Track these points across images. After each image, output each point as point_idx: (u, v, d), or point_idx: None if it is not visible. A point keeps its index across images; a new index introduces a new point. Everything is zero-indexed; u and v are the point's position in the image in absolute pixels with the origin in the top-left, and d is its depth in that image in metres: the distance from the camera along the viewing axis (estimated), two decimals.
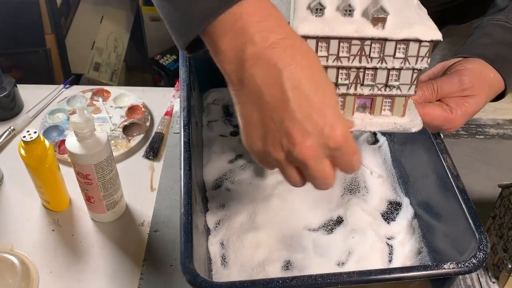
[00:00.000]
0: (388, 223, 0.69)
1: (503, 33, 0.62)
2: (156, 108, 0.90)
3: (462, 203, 0.56)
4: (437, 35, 0.50)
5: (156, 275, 0.67)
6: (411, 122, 0.57)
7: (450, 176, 0.58)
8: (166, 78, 1.79)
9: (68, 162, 0.75)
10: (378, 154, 0.78)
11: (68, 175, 0.74)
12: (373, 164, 0.76)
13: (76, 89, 0.94)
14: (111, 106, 0.90)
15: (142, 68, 1.96)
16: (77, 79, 1.54)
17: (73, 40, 1.57)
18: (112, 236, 0.71)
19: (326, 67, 0.53)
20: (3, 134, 0.84)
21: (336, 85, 0.55)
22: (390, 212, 0.70)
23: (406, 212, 0.69)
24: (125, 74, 1.87)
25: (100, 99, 0.91)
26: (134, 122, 0.87)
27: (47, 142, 0.67)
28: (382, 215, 0.70)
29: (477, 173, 0.79)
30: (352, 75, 0.53)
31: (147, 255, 0.69)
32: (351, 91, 0.55)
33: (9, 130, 0.84)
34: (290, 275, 0.56)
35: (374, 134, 0.81)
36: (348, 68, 0.53)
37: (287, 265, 0.64)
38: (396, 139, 0.76)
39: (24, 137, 0.64)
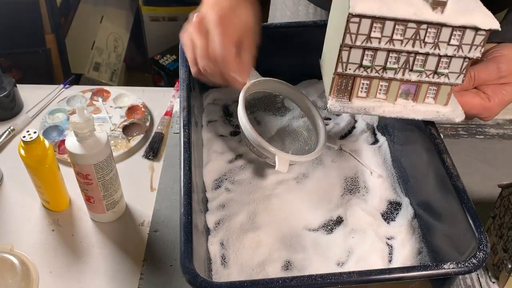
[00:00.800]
0: (388, 223, 0.69)
1: None
2: (156, 108, 0.90)
3: (462, 203, 0.56)
4: (495, 24, 0.49)
5: (156, 275, 0.67)
6: (453, 112, 0.57)
7: (450, 176, 0.58)
8: (166, 78, 1.79)
9: (68, 162, 0.75)
10: (378, 154, 0.78)
11: (68, 175, 0.74)
12: (373, 164, 0.76)
13: (76, 89, 0.94)
14: (111, 106, 0.90)
15: (142, 68, 1.96)
16: (77, 79, 1.54)
17: (73, 40, 1.57)
18: (112, 236, 0.71)
19: (376, 49, 0.52)
20: (3, 134, 0.84)
21: (384, 68, 0.54)
22: (390, 212, 0.70)
23: (406, 212, 0.69)
24: (125, 74, 1.87)
25: (100, 99, 0.91)
26: (134, 122, 0.87)
27: (47, 142, 0.67)
28: (382, 215, 0.70)
29: (477, 173, 0.79)
30: (402, 59, 0.53)
31: (147, 255, 0.69)
32: (399, 76, 0.55)
33: (9, 130, 0.84)
34: (290, 275, 0.56)
35: (374, 134, 0.81)
36: (400, 52, 0.52)
37: (287, 265, 0.64)
38: (396, 139, 0.76)
39: (24, 137, 0.64)
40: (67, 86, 0.94)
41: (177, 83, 0.92)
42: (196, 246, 0.53)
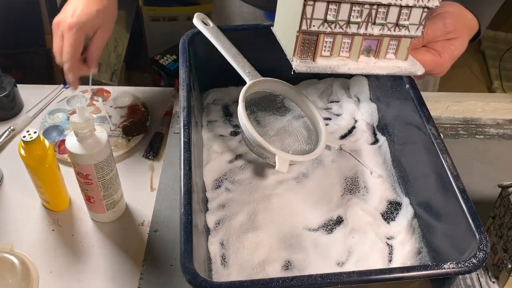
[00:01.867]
0: (388, 223, 0.69)
1: None
2: (156, 108, 0.90)
3: (462, 203, 0.56)
4: None
5: (156, 275, 0.67)
6: (413, 66, 0.58)
7: (450, 176, 0.59)
8: (166, 78, 1.79)
9: (68, 162, 0.75)
10: (378, 154, 0.78)
11: (68, 175, 0.74)
12: (373, 164, 0.76)
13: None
14: (111, 106, 0.90)
15: (142, 68, 1.96)
16: None
17: None
18: (112, 236, 0.71)
19: (340, 2, 0.54)
20: (3, 134, 0.84)
21: (348, 23, 0.55)
22: (390, 212, 0.70)
23: (406, 212, 0.69)
24: (125, 74, 1.87)
25: (100, 99, 0.91)
26: (134, 122, 0.87)
27: (47, 142, 0.67)
28: (382, 215, 0.70)
29: (477, 173, 0.79)
30: (365, 12, 0.54)
31: (147, 255, 0.69)
32: (361, 30, 0.56)
33: (9, 130, 0.84)
34: (290, 275, 0.56)
35: (374, 134, 0.81)
36: (363, 4, 0.53)
37: (287, 265, 0.64)
38: (396, 138, 0.76)
39: (24, 137, 0.64)
40: (67, 86, 0.94)
41: (177, 83, 0.92)
42: (196, 246, 0.53)
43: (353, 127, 0.82)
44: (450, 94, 0.94)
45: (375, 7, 0.54)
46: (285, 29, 0.63)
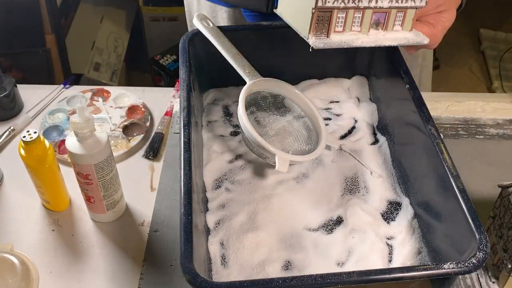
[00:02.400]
0: (388, 223, 0.69)
1: None
2: (156, 108, 0.90)
3: (462, 203, 0.56)
4: None
5: (156, 275, 0.67)
6: (418, 36, 0.62)
7: (450, 176, 0.59)
8: (166, 78, 1.79)
9: (68, 162, 0.75)
10: (378, 154, 0.78)
11: (68, 175, 0.74)
12: (373, 164, 0.76)
13: (76, 89, 0.94)
14: (111, 106, 0.90)
15: (142, 68, 1.96)
16: (77, 79, 1.54)
17: (73, 40, 1.57)
18: (112, 236, 0.71)
19: None
20: (3, 134, 0.84)
21: None
22: (390, 212, 0.70)
23: (406, 212, 0.69)
24: (125, 74, 1.87)
25: (100, 99, 0.91)
26: (134, 122, 0.87)
27: (47, 142, 0.67)
28: (382, 215, 0.70)
29: (477, 173, 0.79)
30: None
31: (147, 255, 0.69)
32: (372, 3, 0.59)
33: (9, 130, 0.84)
34: (290, 275, 0.56)
35: (374, 134, 0.81)
36: None
37: (287, 265, 0.64)
38: (396, 139, 0.76)
39: (24, 137, 0.64)
40: (67, 86, 0.94)
41: (177, 83, 0.92)
42: (196, 246, 0.53)
43: (353, 127, 0.82)
44: (450, 94, 0.94)
45: None
46: (296, 8, 0.65)
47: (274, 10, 0.69)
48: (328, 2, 0.58)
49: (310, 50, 0.61)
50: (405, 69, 0.73)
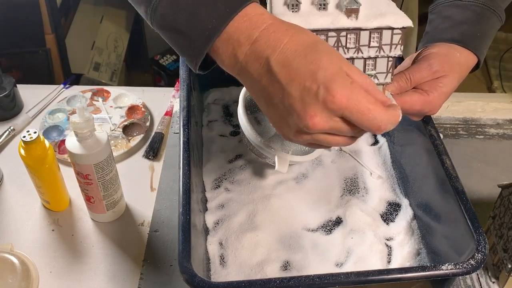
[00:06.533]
0: (387, 224, 0.69)
1: (460, 12, 0.64)
2: (156, 108, 0.90)
3: (460, 204, 0.56)
4: (407, 22, 0.52)
5: (156, 275, 0.67)
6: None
7: (449, 178, 0.59)
8: (166, 78, 1.79)
9: (68, 162, 0.75)
10: (378, 155, 0.78)
11: (68, 175, 0.74)
12: (372, 165, 0.76)
13: (76, 89, 0.94)
14: (111, 106, 0.90)
15: (142, 68, 1.96)
16: (77, 79, 1.54)
17: (73, 40, 1.57)
18: (112, 236, 0.71)
19: None
20: (3, 134, 0.84)
21: None
22: (389, 213, 0.70)
23: (405, 213, 0.69)
24: (125, 74, 1.87)
25: (100, 99, 0.91)
26: (134, 122, 0.87)
27: (47, 142, 0.67)
28: (381, 216, 0.70)
29: (477, 173, 0.79)
30: None
31: (147, 255, 0.69)
32: None
33: (9, 130, 0.84)
34: (288, 276, 0.56)
35: (374, 135, 0.81)
36: None
37: (286, 265, 0.64)
38: (396, 140, 0.76)
39: (24, 137, 0.64)
40: (67, 86, 0.94)
41: (177, 83, 0.92)
42: (194, 245, 0.53)
43: None
44: None
45: None
46: None
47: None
48: None
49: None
50: None
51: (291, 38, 0.46)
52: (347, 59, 0.54)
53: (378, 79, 0.56)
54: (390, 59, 0.55)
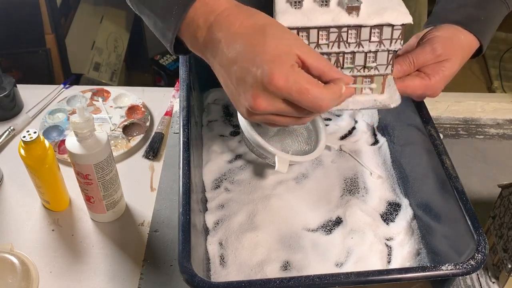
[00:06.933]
0: (387, 224, 0.69)
1: None
2: (156, 108, 0.90)
3: (460, 204, 0.56)
4: (407, 19, 0.53)
5: (156, 275, 0.67)
6: (390, 98, 0.60)
7: (449, 178, 0.59)
8: (166, 78, 1.79)
9: (68, 162, 0.75)
10: (378, 155, 0.78)
11: (68, 175, 0.74)
12: (372, 165, 0.76)
13: (76, 89, 0.94)
14: (111, 106, 0.90)
15: (142, 68, 1.96)
16: (77, 79, 1.54)
17: (73, 40, 1.57)
18: (112, 236, 0.71)
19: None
20: (3, 134, 0.84)
21: None
22: (389, 213, 0.70)
23: (405, 213, 0.69)
24: (125, 74, 1.87)
25: (100, 99, 0.91)
26: (134, 122, 0.87)
27: (47, 142, 0.67)
28: (381, 216, 0.70)
29: (477, 173, 0.79)
30: (333, 59, 0.56)
31: (147, 255, 0.69)
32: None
33: (9, 130, 0.85)
34: (288, 276, 0.56)
35: (374, 135, 0.81)
36: (328, 53, 0.56)
37: (286, 266, 0.64)
38: (396, 140, 0.76)
39: (24, 137, 0.64)
40: (67, 86, 0.94)
41: (177, 83, 0.92)
42: (194, 245, 0.53)
43: (353, 128, 0.82)
44: (450, 94, 0.94)
45: (341, 54, 0.56)
46: None
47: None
48: None
49: None
50: None
51: (242, 22, 0.48)
52: (348, 53, 0.55)
53: (378, 71, 0.57)
54: (391, 52, 0.56)
